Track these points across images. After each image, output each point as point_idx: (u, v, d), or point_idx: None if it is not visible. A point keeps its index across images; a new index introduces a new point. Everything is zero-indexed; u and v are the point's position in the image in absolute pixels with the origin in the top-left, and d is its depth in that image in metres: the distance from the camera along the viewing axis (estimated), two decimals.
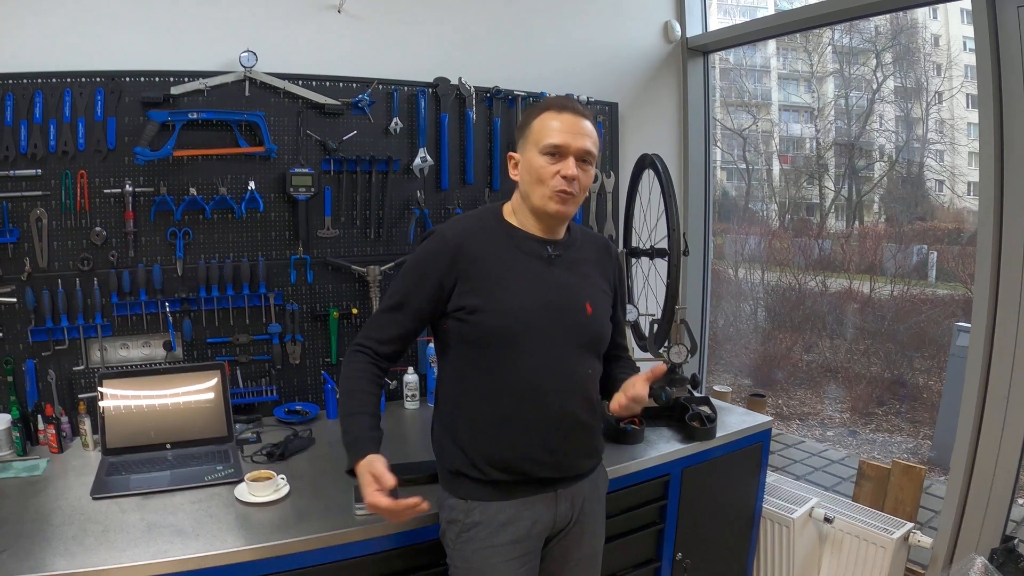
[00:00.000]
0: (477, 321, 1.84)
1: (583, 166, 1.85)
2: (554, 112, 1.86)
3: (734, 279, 5.58)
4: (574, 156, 1.83)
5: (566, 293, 1.92)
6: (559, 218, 1.91)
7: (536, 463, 1.88)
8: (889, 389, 5.13)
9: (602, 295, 2.02)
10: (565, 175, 1.82)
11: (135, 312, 2.69)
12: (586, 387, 1.95)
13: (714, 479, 2.78)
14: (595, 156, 1.88)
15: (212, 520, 2.01)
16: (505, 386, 1.87)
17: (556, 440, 1.89)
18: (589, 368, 1.96)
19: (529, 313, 1.86)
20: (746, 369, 5.55)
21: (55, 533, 1.92)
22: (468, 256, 1.86)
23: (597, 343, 2.00)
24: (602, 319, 2.00)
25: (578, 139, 1.84)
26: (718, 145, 4.17)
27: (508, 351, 1.85)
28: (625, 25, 3.71)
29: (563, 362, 1.90)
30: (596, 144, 1.88)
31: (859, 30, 4.96)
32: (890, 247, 5.10)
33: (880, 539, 2.90)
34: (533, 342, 1.86)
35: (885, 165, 5.07)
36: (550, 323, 1.88)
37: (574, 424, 1.92)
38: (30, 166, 2.50)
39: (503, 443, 1.87)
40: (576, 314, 1.92)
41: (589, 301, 1.95)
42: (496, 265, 1.88)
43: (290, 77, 2.80)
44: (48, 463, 2.41)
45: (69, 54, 2.54)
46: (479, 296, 1.84)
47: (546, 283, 1.91)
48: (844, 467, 4.51)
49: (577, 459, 1.96)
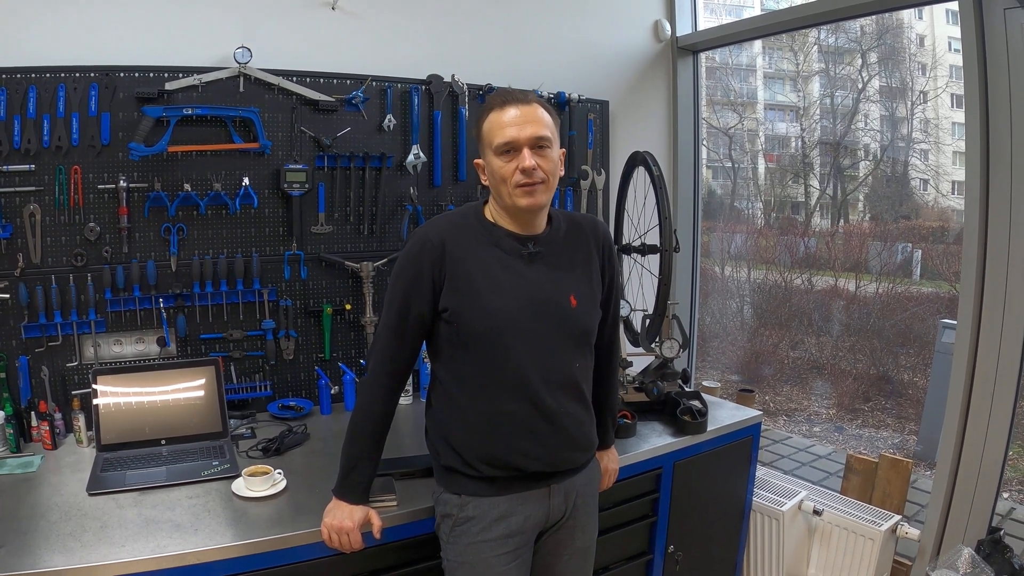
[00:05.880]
0: (462, 323, 1.85)
1: (540, 152, 1.82)
2: (497, 110, 1.83)
3: (720, 277, 5.61)
4: (527, 146, 1.80)
5: (549, 288, 1.91)
6: (532, 211, 1.87)
7: (528, 458, 1.89)
8: (875, 385, 5.17)
9: (588, 284, 1.99)
10: (522, 168, 1.79)
11: (129, 308, 2.69)
12: (576, 381, 1.95)
13: (705, 472, 2.80)
14: (551, 138, 1.83)
15: (210, 515, 2.02)
16: (495, 385, 1.87)
17: (548, 435, 1.90)
18: (577, 361, 1.95)
19: (512, 312, 1.86)
20: (734, 365, 5.58)
21: (52, 529, 1.92)
22: (452, 256, 1.86)
23: (585, 335, 1.98)
24: (588, 311, 1.98)
25: (526, 128, 1.80)
26: (704, 143, 4.19)
27: (495, 351, 1.86)
28: (616, 24, 3.74)
29: (551, 357, 1.90)
30: (550, 125, 1.84)
31: (845, 30, 4.99)
32: (875, 245, 5.13)
33: (868, 531, 2.93)
34: (519, 340, 1.86)
35: (870, 164, 5.10)
36: (535, 320, 1.87)
37: (566, 419, 1.92)
38: (23, 161, 2.50)
39: (495, 440, 1.88)
40: (561, 309, 1.91)
41: (574, 293, 1.93)
42: (477, 265, 1.87)
43: (284, 73, 2.81)
44: (42, 460, 2.40)
45: (63, 49, 2.54)
46: (462, 297, 1.85)
47: (528, 280, 1.89)
48: (831, 462, 4.54)
49: (570, 453, 1.96)
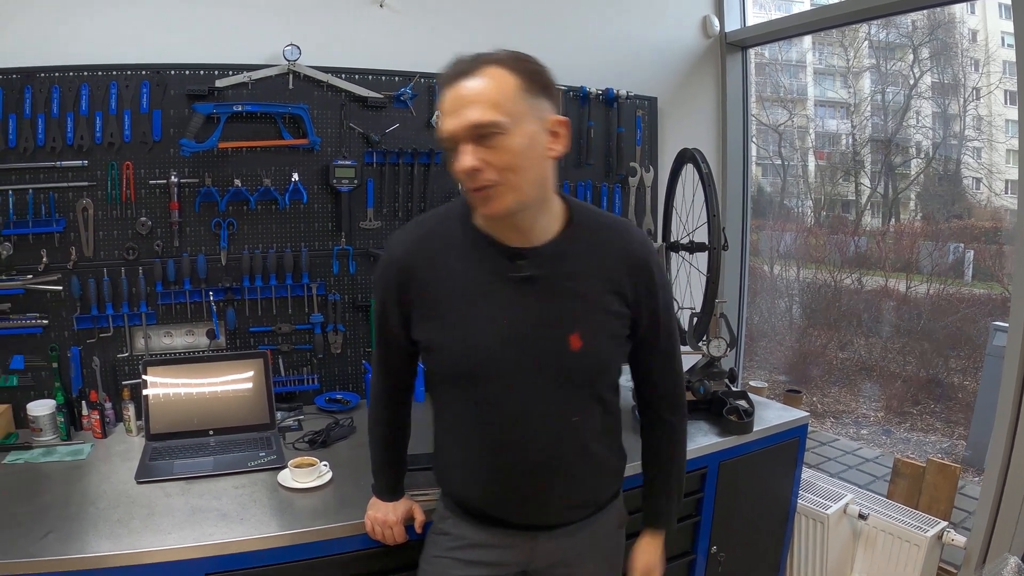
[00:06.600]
0: (433, 358, 1.61)
1: (485, 143, 1.37)
2: (442, 92, 1.43)
3: (769, 275, 5.55)
4: (465, 140, 1.37)
5: (542, 322, 1.52)
6: (500, 218, 1.47)
7: (508, 511, 1.65)
8: (924, 388, 5.08)
9: (604, 317, 1.56)
10: (459, 170, 1.39)
11: (179, 301, 2.73)
12: (578, 432, 1.59)
13: (750, 473, 2.77)
14: (500, 121, 1.35)
15: (256, 505, 2.04)
16: (474, 428, 1.62)
17: (532, 490, 1.61)
18: (580, 411, 1.59)
19: (489, 350, 1.53)
20: (781, 365, 5.52)
21: (100, 516, 1.96)
22: (419, 279, 1.56)
23: (592, 381, 1.60)
24: (599, 352, 1.57)
25: (460, 116, 1.37)
26: (754, 141, 4.14)
27: (474, 391, 1.57)
28: (664, 19, 3.70)
29: (541, 404, 1.55)
30: (496, 104, 1.35)
31: (896, 25, 4.91)
32: (926, 245, 5.05)
33: (914, 537, 2.88)
34: (498, 383, 1.55)
35: (921, 162, 5.02)
36: (519, 361, 1.53)
37: (558, 474, 1.61)
38: (76, 157, 2.55)
39: (473, 487, 1.67)
40: (555, 349, 1.53)
41: (580, 331, 1.53)
42: (449, 289, 1.55)
43: (333, 71, 2.83)
44: (92, 448, 2.45)
45: (115, 48, 2.58)
46: (431, 330, 1.57)
47: (512, 311, 1.52)
48: (878, 466, 4.47)
49: (560, 511, 1.65)
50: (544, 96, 1.44)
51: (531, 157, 1.40)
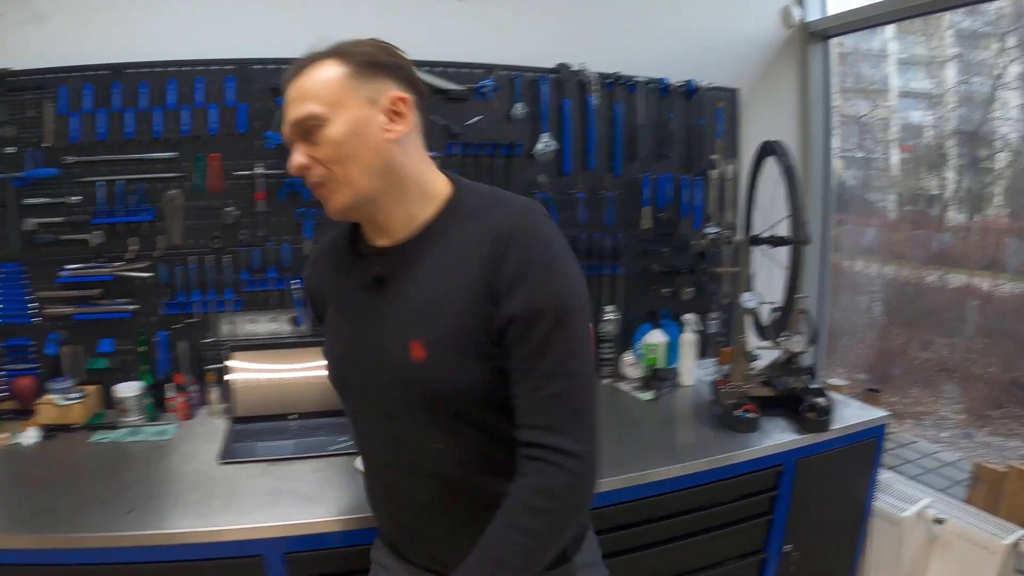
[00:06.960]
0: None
1: (310, 139, 1.25)
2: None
3: (849, 271, 5.43)
4: (294, 139, 1.27)
5: (383, 330, 1.31)
6: (345, 217, 1.34)
7: (407, 549, 1.48)
8: (1007, 391, 4.92)
9: (458, 321, 1.24)
10: (292, 171, 1.28)
11: (263, 288, 2.79)
12: (438, 467, 1.32)
13: (827, 472, 2.72)
14: (314, 113, 1.22)
15: (333, 487, 2.08)
16: (364, 455, 1.52)
17: (418, 527, 1.42)
18: (445, 436, 1.30)
19: (342, 364, 1.41)
20: (861, 364, 5.40)
21: (182, 495, 2.02)
22: (320, 293, 1.48)
23: (440, 403, 1.27)
24: (446, 362, 1.24)
25: (286, 116, 1.27)
26: (836, 133, 4.06)
27: (350, 413, 1.46)
28: (744, 10, 3.64)
29: (394, 432, 1.35)
30: (315, 95, 1.23)
31: (981, 13, 4.75)
32: (1013, 242, 4.88)
33: (990, 543, 2.78)
34: (356, 403, 1.42)
35: (1009, 155, 4.86)
36: (364, 377, 1.35)
37: (433, 511, 1.37)
38: (164, 149, 2.63)
39: (377, 514, 1.55)
40: (394, 360, 1.28)
41: (425, 339, 1.25)
42: (333, 300, 1.44)
43: (415, 63, 2.84)
44: (176, 429, 2.53)
45: (201, 43, 2.65)
46: (325, 346, 1.47)
47: (362, 321, 1.35)
48: (957, 470, 4.35)
49: (451, 554, 1.30)
50: (383, 76, 1.28)
51: (360, 145, 1.24)
